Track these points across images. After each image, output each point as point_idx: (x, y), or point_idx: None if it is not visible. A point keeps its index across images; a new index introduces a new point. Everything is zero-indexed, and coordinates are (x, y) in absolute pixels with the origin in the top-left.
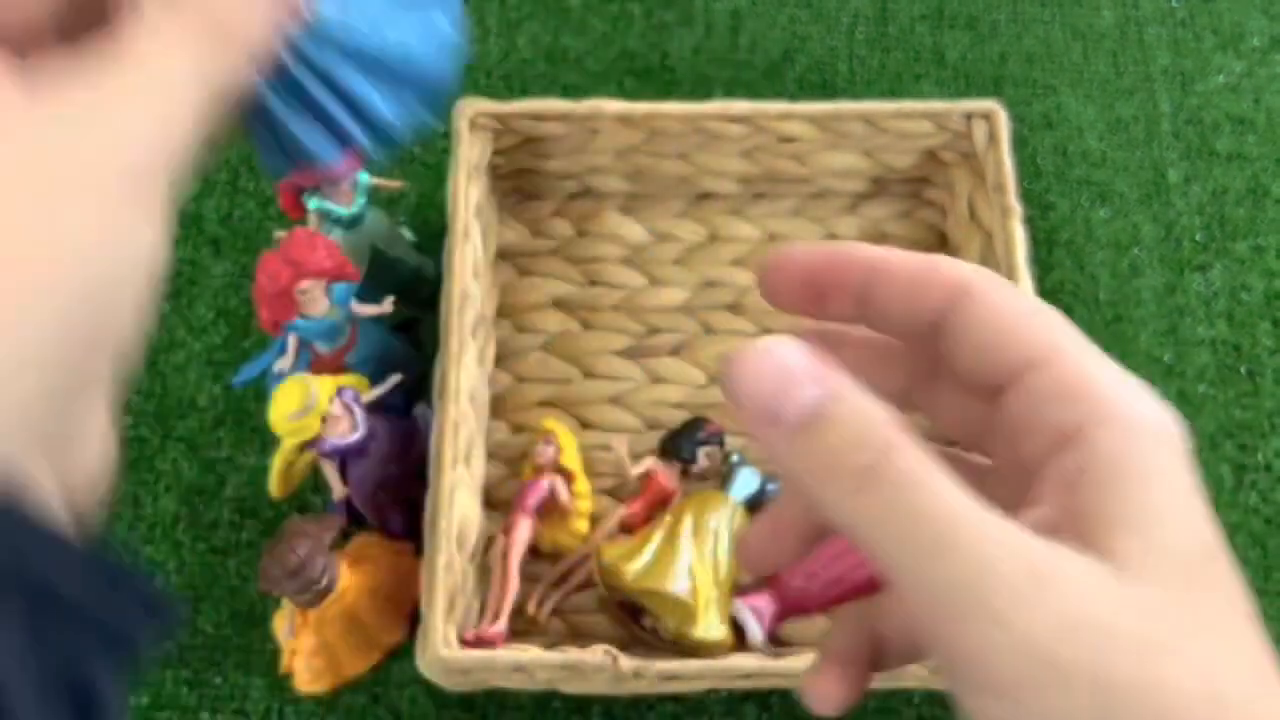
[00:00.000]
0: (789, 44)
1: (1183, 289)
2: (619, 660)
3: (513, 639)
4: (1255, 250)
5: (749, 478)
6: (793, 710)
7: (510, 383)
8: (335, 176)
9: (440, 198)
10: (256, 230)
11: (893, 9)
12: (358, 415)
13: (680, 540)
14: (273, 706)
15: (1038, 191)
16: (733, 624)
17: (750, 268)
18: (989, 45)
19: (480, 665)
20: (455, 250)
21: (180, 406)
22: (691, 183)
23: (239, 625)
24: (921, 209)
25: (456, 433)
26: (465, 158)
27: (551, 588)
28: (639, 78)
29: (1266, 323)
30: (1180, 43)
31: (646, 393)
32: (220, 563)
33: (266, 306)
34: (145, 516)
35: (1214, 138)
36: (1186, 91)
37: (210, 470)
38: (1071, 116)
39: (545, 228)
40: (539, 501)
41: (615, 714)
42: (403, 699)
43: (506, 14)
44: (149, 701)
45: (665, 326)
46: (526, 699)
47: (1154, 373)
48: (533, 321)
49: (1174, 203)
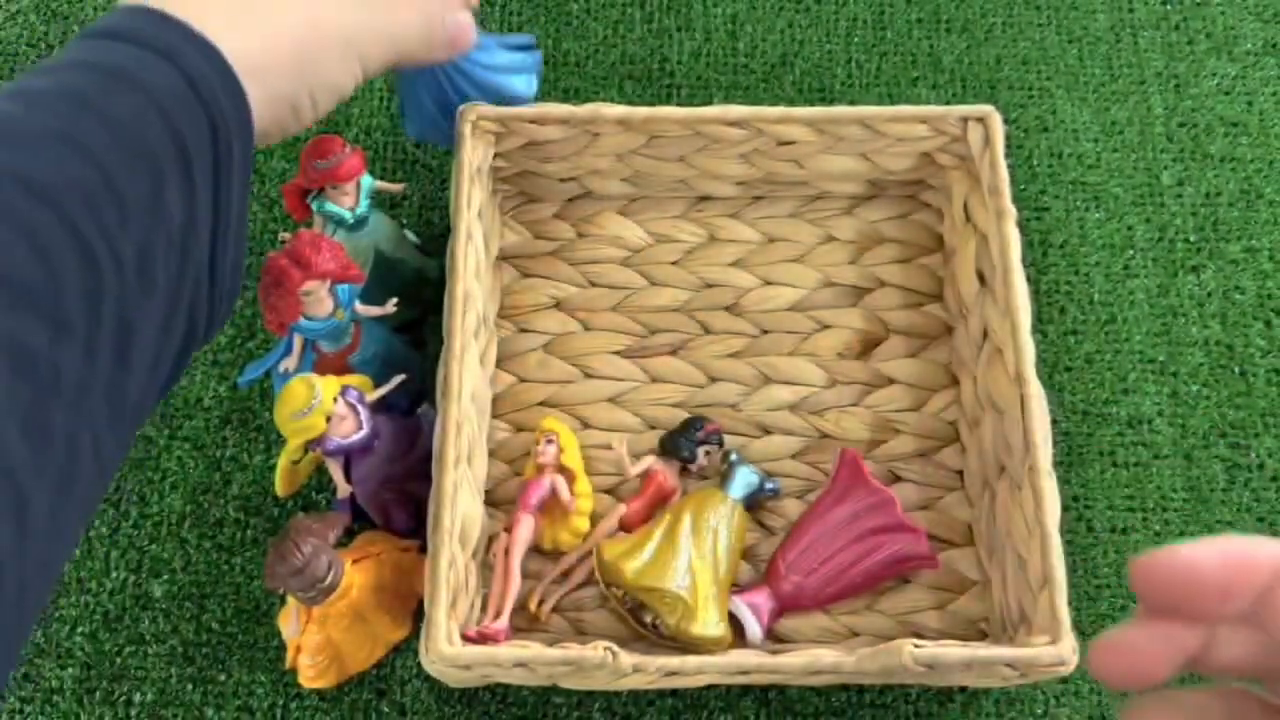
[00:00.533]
0: (787, 49)
1: (1176, 290)
2: (619, 656)
3: (514, 635)
4: (1248, 252)
5: (747, 476)
6: (791, 706)
7: (511, 383)
8: (340, 178)
9: (442, 200)
10: (262, 232)
11: (889, 14)
12: (362, 415)
13: (680, 538)
14: (277, 703)
15: (1032, 194)
16: (732, 621)
17: (749, 269)
18: (984, 50)
19: (482, 661)
20: (457, 252)
21: (186, 406)
22: (691, 185)
23: (244, 622)
24: (918, 211)
25: (459, 432)
26: (467, 161)
27: (553, 585)
28: (639, 82)
29: (1259, 324)
30: (1174, 47)
31: (646, 393)
32: (226, 560)
33: (271, 307)
34: (151, 514)
35: (1207, 141)
36: (1180, 95)
37: (216, 469)
38: (1066, 120)
39: (546, 230)
40: (541, 500)
41: (615, 709)
42: (406, 694)
43: (507, 18)
44: (154, 698)
45: (665, 327)
46: (528, 694)
47: (1147, 373)
48: (534, 322)
49: (1167, 205)
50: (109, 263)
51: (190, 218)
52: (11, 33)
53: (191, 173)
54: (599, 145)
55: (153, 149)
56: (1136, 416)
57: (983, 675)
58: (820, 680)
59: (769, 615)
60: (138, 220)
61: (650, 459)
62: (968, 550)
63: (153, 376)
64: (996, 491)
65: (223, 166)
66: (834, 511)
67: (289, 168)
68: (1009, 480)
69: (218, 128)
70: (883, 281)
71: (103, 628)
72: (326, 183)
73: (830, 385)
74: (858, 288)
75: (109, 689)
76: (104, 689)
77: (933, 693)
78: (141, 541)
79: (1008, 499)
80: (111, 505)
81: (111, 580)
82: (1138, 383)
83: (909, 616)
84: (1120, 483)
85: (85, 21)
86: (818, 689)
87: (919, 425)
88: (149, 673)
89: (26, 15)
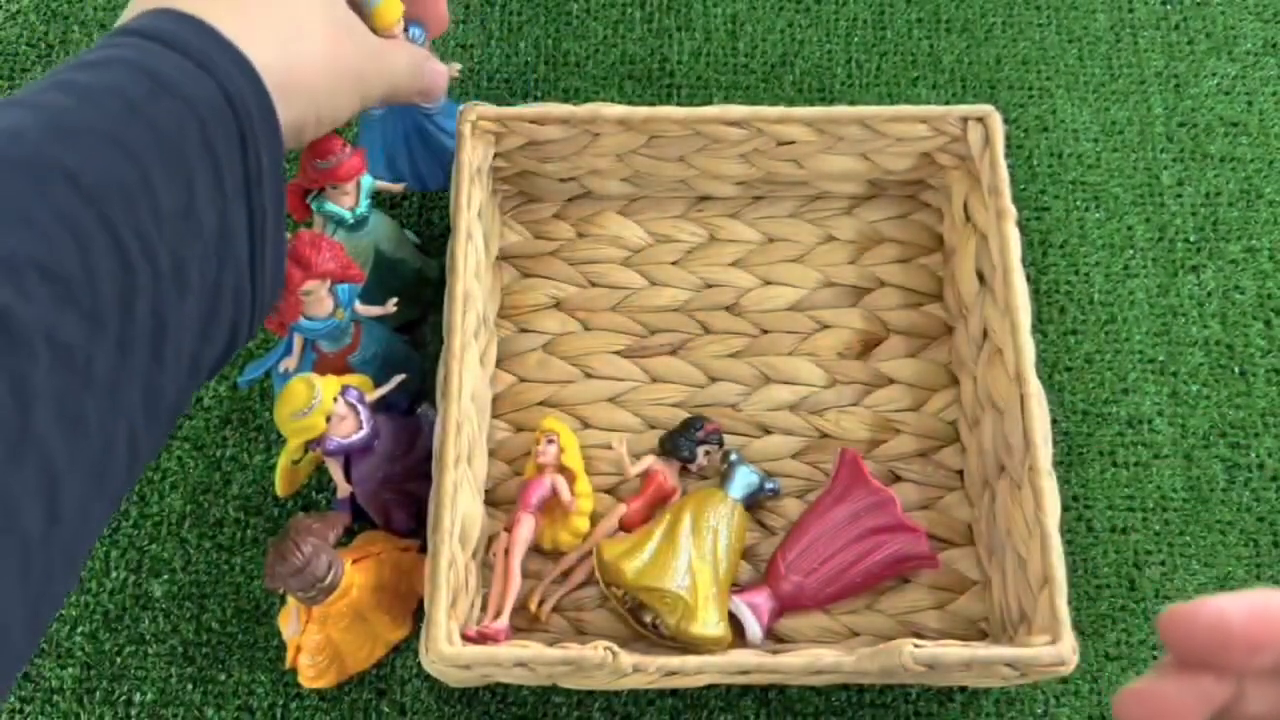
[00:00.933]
0: (787, 48)
1: (1176, 290)
2: (619, 656)
3: (514, 635)
4: (1248, 252)
5: (747, 476)
6: (791, 706)
7: (511, 383)
8: (340, 178)
9: (442, 200)
10: None
11: (889, 14)
12: (362, 414)
13: (680, 538)
14: (277, 702)
15: (1032, 194)
16: (732, 620)
17: (749, 269)
18: (984, 49)
19: (483, 660)
20: (457, 252)
21: None
22: (691, 185)
23: (244, 622)
24: (918, 211)
25: (459, 432)
26: (467, 161)
27: (553, 585)
28: (639, 82)
29: (1259, 323)
30: (1174, 46)
31: (646, 393)
32: (226, 560)
33: (271, 307)
34: (151, 514)
35: (1207, 141)
36: (1180, 95)
37: (216, 469)
38: (1066, 120)
39: (546, 230)
40: (541, 500)
41: (615, 709)
42: (406, 694)
43: (508, 19)
44: (155, 698)
45: (664, 327)
46: (528, 694)
47: (1147, 373)
48: (534, 322)
49: (1167, 205)
50: (143, 264)
51: (224, 227)
52: (11, 33)
53: (224, 185)
54: (599, 145)
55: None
56: (1136, 416)
57: (982, 675)
58: (820, 680)
59: (769, 615)
60: (173, 226)
61: (650, 459)
62: (968, 550)
63: (192, 376)
64: (996, 491)
65: (253, 179)
66: (834, 511)
67: (289, 168)
68: (1009, 480)
69: (248, 141)
70: (883, 281)
71: (103, 628)
72: (326, 183)
73: (830, 385)
74: (858, 288)
75: (109, 689)
76: (104, 689)
77: (933, 693)
78: (141, 541)
79: (1008, 499)
80: None
81: (111, 580)
82: (1138, 383)
83: (909, 616)
84: (1120, 482)
85: (85, 22)
86: (818, 689)
87: (919, 425)
88: (149, 673)
89: (26, 15)
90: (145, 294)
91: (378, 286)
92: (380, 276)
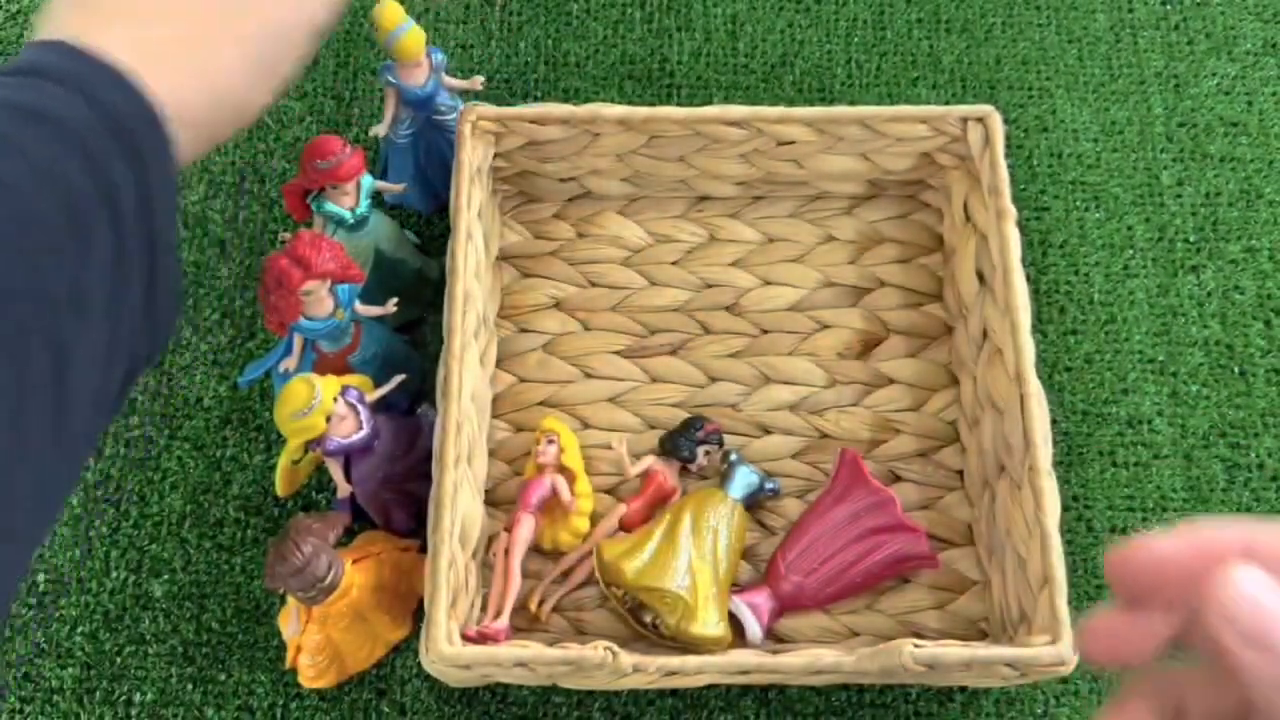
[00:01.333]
0: (787, 49)
1: (1176, 290)
2: (619, 656)
3: (514, 635)
4: (1247, 252)
5: (747, 476)
6: (790, 706)
7: (511, 383)
8: (340, 178)
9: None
10: (262, 232)
11: (889, 14)
12: (362, 414)
13: (680, 538)
14: (277, 702)
15: (1032, 194)
16: (732, 620)
17: (749, 269)
18: (984, 50)
19: (482, 660)
20: (458, 252)
21: (187, 406)
22: (691, 185)
23: (244, 622)
24: (918, 211)
25: (459, 432)
26: (468, 161)
27: (553, 585)
28: (639, 82)
29: (1259, 323)
30: (1173, 47)
31: (646, 393)
32: (226, 560)
33: (272, 307)
34: (152, 514)
35: (1207, 141)
36: (1180, 95)
37: (216, 469)
38: (1066, 120)
39: (546, 230)
40: (541, 500)
41: (615, 709)
42: (406, 694)
43: (508, 19)
44: (155, 698)
45: (664, 327)
46: (528, 694)
47: (1147, 373)
48: (534, 322)
49: (1167, 205)
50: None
51: (120, 252)
52: (12, 33)
53: (120, 208)
54: (599, 145)
55: (76, 187)
56: (1136, 416)
57: (982, 675)
58: (820, 680)
59: (769, 615)
60: (69, 256)
61: (650, 459)
62: (968, 550)
63: (98, 398)
64: (996, 491)
65: (145, 200)
66: (834, 511)
67: (289, 168)
68: (1009, 480)
69: (142, 164)
70: (883, 281)
71: (103, 628)
72: (327, 183)
73: (830, 385)
74: (858, 288)
75: (109, 689)
76: (104, 689)
77: (933, 693)
78: (141, 541)
79: (1008, 499)
80: (111, 505)
81: (111, 580)
82: (1138, 383)
83: (909, 616)
84: (1120, 483)
85: None
86: (818, 688)
87: (919, 425)
88: (149, 673)
89: (26, 15)
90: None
91: (378, 286)
92: (380, 276)
